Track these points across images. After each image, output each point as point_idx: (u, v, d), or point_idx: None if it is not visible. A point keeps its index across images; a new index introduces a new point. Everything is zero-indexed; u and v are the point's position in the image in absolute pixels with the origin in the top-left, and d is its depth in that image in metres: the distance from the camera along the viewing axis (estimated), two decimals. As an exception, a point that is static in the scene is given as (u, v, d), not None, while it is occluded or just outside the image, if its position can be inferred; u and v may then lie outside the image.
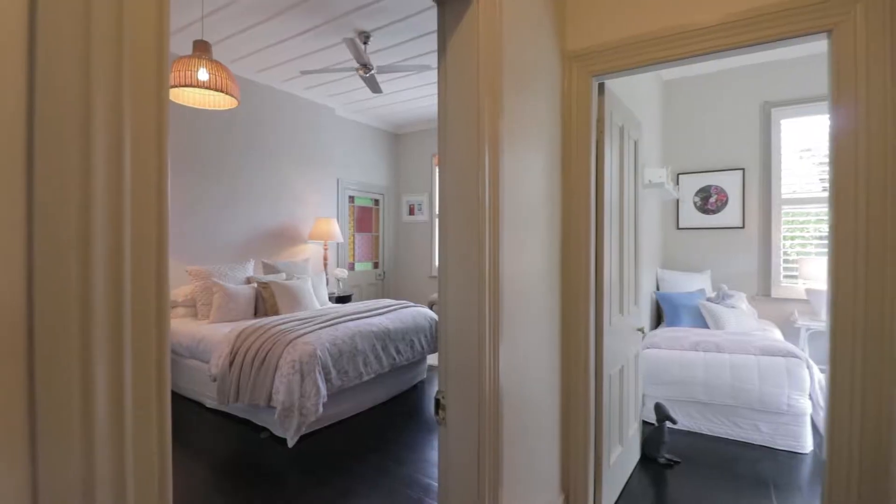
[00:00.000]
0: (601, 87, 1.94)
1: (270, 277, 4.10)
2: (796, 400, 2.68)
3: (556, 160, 1.83)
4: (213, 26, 3.53)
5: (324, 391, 2.65)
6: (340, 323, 3.14)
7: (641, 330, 2.46)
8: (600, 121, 1.94)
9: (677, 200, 4.59)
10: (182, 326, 3.57)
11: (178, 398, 3.47)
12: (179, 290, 3.90)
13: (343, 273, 5.13)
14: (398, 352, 3.32)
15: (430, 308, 5.53)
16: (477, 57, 1.35)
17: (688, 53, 1.65)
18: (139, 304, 0.53)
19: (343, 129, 5.91)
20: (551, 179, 1.79)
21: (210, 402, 3.21)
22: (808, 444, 2.69)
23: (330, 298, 4.87)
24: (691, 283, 4.22)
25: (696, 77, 4.58)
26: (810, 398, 2.72)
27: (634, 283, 2.44)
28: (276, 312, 3.82)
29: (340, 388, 2.83)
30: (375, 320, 3.32)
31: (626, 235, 2.28)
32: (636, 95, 3.41)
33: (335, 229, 5.06)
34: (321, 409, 2.61)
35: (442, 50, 1.42)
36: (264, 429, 2.85)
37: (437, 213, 6.45)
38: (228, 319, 3.65)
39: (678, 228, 4.61)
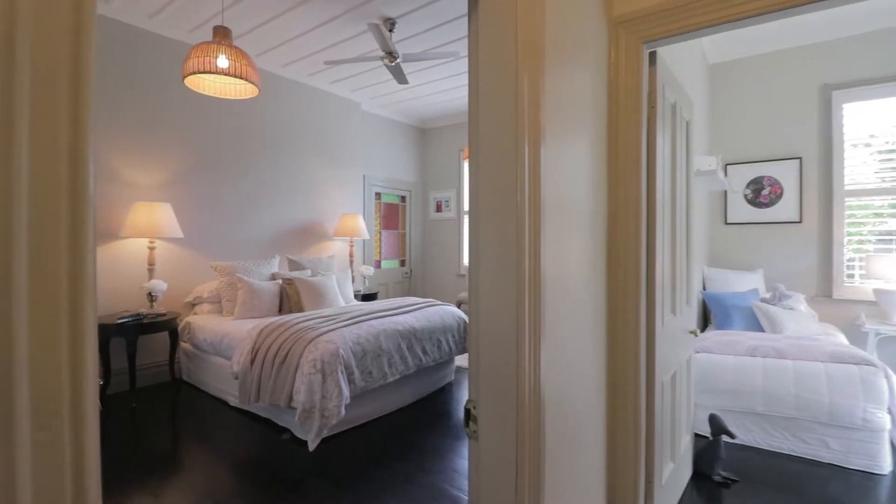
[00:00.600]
0: (652, 56, 1.71)
1: (295, 274, 4.02)
2: (872, 414, 2.36)
3: (601, 142, 1.62)
4: (234, 19, 3.47)
5: (346, 392, 2.52)
6: (365, 321, 3.00)
7: (694, 332, 2.21)
8: (652, 95, 1.71)
9: (725, 193, 4.25)
10: (206, 322, 3.53)
11: (202, 395, 3.43)
12: (205, 285, 3.87)
13: (369, 270, 5.02)
14: (425, 352, 3.16)
15: (459, 307, 5.36)
16: (515, 23, 1.16)
17: (756, 10, 1.41)
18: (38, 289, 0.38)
19: (369, 124, 5.82)
20: (595, 165, 1.58)
21: (233, 401, 3.14)
22: (886, 465, 2.37)
23: (355, 296, 4.77)
24: (742, 283, 3.88)
25: (746, 59, 4.23)
26: (889, 412, 2.39)
27: (686, 281, 2.19)
28: (301, 309, 3.73)
29: (364, 389, 2.69)
30: (401, 319, 3.17)
31: (679, 228, 2.04)
32: (678, 80, 3.13)
33: (361, 226, 4.96)
34: (343, 412, 2.48)
35: (473, 14, 1.24)
36: (286, 430, 2.74)
37: (465, 209, 6.27)
38: (252, 316, 3.59)
39: (726, 223, 4.27)
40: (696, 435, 2.64)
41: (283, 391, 2.54)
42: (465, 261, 6.27)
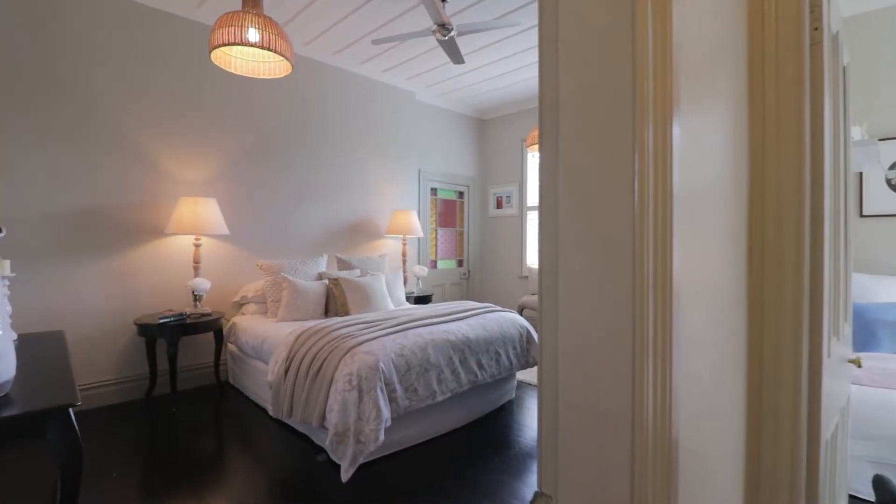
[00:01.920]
0: (816, -47, 1.14)
1: (343, 274, 3.75)
2: None
3: (739, 96, 1.08)
4: (277, 5, 3.25)
5: (386, 414, 2.14)
6: (411, 328, 2.62)
7: (856, 361, 1.57)
8: (816, 13, 1.15)
9: (860, 176, 3.39)
10: (249, 323, 3.33)
11: (244, 401, 3.23)
12: (251, 284, 3.70)
13: (423, 271, 4.66)
14: (481, 366, 2.71)
15: (520, 313, 4.85)
16: None
17: None
18: None
19: (424, 115, 5.47)
20: (735, 131, 1.05)
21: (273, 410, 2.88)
22: None
23: (408, 298, 4.43)
24: (887, 291, 3.04)
25: (887, 9, 3.34)
26: None
27: (845, 292, 1.56)
28: (346, 312, 3.43)
29: (408, 409, 2.30)
30: (453, 327, 2.75)
31: (840, 219, 1.43)
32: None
33: (414, 223, 4.61)
34: (382, 437, 2.10)
35: None
36: (322, 450, 2.42)
37: (529, 205, 5.74)
38: (296, 318, 3.34)
39: (862, 216, 3.40)
40: (852, 497, 1.97)
41: (316, 409, 2.21)
42: (529, 261, 5.73)
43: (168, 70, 3.36)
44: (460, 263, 6.08)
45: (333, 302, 3.56)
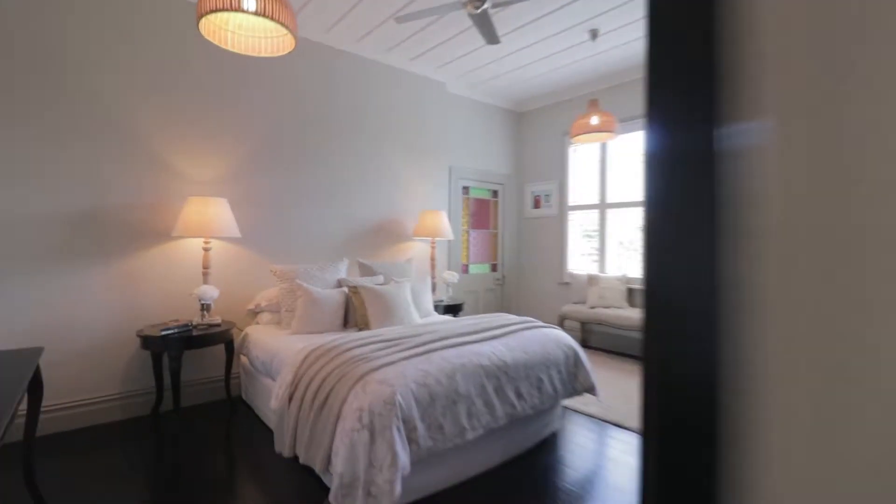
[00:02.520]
0: None
1: (364, 281, 3.39)
2: None
3: None
4: (295, -26, 2.92)
5: (404, 459, 1.74)
6: (437, 350, 2.20)
7: None
8: None
9: None
10: (261, 336, 3.02)
11: (253, 420, 2.91)
12: (266, 292, 3.39)
13: (453, 277, 4.25)
14: (519, 396, 2.27)
15: (561, 325, 4.36)
16: None
17: None
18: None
19: (455, 107, 5.06)
20: None
21: (276, 444, 2.54)
22: None
23: (436, 307, 4.03)
24: None
25: None
26: None
27: None
28: (367, 325, 3.06)
29: (431, 450, 1.89)
30: (487, 348, 2.32)
31: None
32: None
33: (444, 224, 4.21)
34: (399, 489, 1.69)
35: None
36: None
37: (570, 204, 5.23)
38: (311, 330, 3.00)
39: None
40: None
41: (320, 450, 1.83)
42: (570, 266, 5.21)
43: (176, 59, 3.10)
44: (494, 268, 5.63)
45: (353, 312, 3.21)
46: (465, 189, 5.30)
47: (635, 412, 2.97)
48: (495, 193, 5.65)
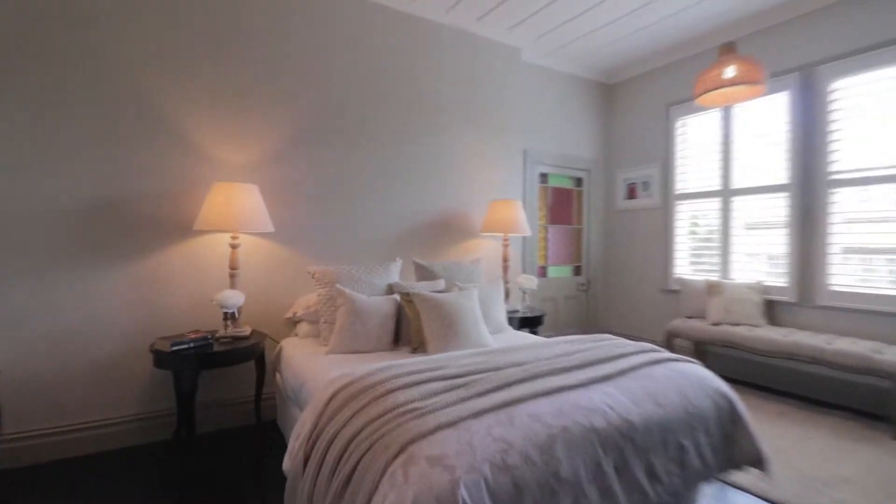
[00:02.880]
0: None
1: (421, 286, 2.69)
2: None
3: None
4: None
5: None
6: (523, 400, 1.43)
7: None
8: None
9: None
10: (294, 353, 2.43)
11: (281, 451, 2.31)
12: (302, 298, 2.82)
13: (531, 282, 3.45)
14: (653, 475, 1.44)
15: (668, 345, 3.39)
16: None
17: None
18: None
19: (532, 79, 4.24)
20: None
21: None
22: None
23: (510, 320, 3.24)
24: None
25: None
26: None
27: None
28: (422, 344, 2.37)
29: (517, 578, 1.12)
30: (598, 396, 1.50)
31: None
32: None
33: (519, 216, 3.42)
34: None
35: None
36: None
37: (678, 191, 4.20)
38: (353, 349, 2.36)
39: None
40: None
41: (335, 567, 1.14)
42: (678, 268, 4.18)
43: (209, 27, 2.61)
44: (577, 271, 4.72)
45: (406, 326, 2.53)
46: (543, 177, 4.46)
47: (812, 485, 1.99)
48: (579, 182, 4.73)
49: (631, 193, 4.58)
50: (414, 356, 2.34)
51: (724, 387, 1.82)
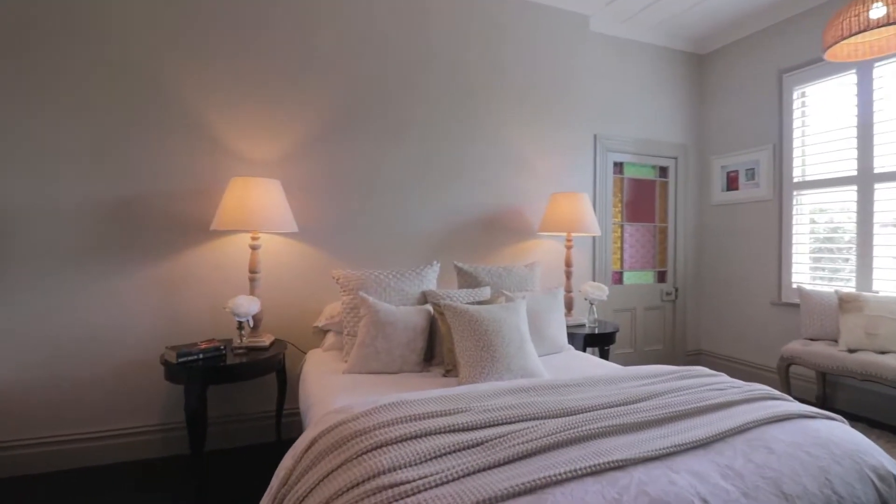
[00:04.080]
0: None
1: (459, 295, 2.26)
2: None
3: None
4: None
5: None
6: (560, 482, 0.95)
7: None
8: None
9: None
10: (313, 366, 2.15)
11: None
12: (330, 306, 2.52)
13: (601, 291, 2.87)
14: None
15: (784, 374, 2.64)
16: None
17: None
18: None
19: (603, 52, 3.63)
20: None
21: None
22: None
23: (573, 337, 2.70)
24: None
25: None
26: None
27: None
28: (454, 367, 1.95)
29: None
30: (684, 480, 0.98)
31: None
32: None
33: (586, 212, 2.86)
34: None
35: None
36: None
37: (796, 178, 3.35)
38: (373, 369, 2.01)
39: None
40: None
41: None
42: (796, 275, 3.33)
43: (228, 11, 2.42)
44: (661, 277, 4.00)
45: (438, 344, 2.12)
46: (618, 167, 3.81)
47: None
48: (663, 172, 4.01)
49: (732, 183, 3.77)
50: (446, 380, 1.93)
51: (889, 463, 1.18)
